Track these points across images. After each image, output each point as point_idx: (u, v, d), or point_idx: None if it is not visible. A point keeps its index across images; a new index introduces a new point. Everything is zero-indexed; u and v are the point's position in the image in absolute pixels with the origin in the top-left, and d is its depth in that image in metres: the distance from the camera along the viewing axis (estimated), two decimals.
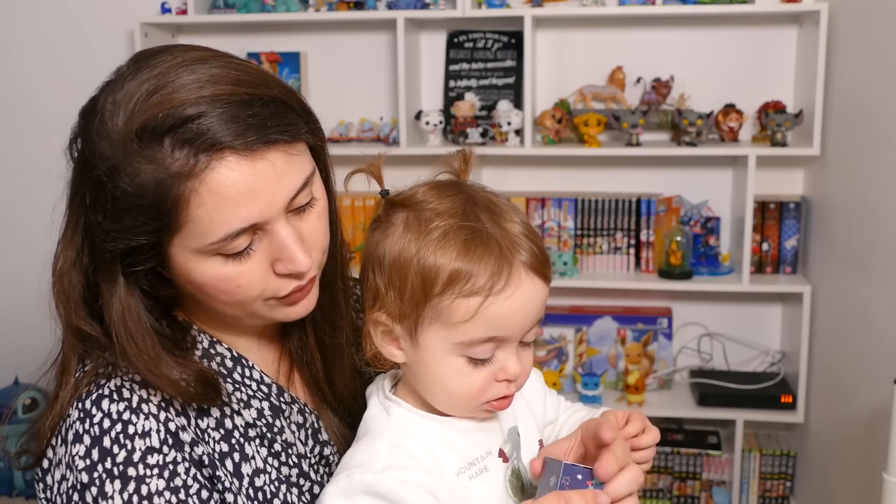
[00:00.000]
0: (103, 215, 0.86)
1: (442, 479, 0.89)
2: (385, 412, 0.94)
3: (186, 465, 0.89)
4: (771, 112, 2.60)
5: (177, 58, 0.87)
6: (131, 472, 0.86)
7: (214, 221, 0.85)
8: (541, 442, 1.00)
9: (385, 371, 0.97)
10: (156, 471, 0.87)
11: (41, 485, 0.92)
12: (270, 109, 0.87)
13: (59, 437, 0.90)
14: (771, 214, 2.71)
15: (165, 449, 0.89)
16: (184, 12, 2.77)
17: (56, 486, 0.89)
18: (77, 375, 0.92)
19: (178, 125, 0.83)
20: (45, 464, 0.91)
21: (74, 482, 0.87)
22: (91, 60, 2.87)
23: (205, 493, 0.89)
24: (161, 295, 0.94)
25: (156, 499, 0.86)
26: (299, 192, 0.90)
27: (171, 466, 0.88)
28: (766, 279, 2.72)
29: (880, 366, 2.07)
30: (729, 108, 2.66)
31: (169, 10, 2.79)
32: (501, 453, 0.94)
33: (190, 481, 0.89)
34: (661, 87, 2.72)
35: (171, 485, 0.87)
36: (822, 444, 2.60)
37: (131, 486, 0.86)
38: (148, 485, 0.86)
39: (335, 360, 1.05)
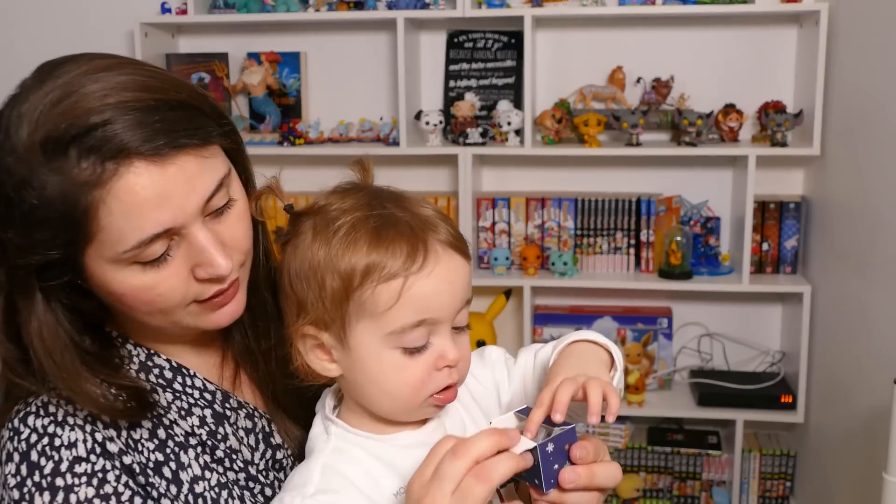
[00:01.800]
0: (14, 231, 0.84)
1: (379, 501, 0.87)
2: (325, 432, 0.93)
3: (117, 472, 0.89)
4: (771, 112, 2.60)
5: (82, 67, 0.85)
6: (59, 482, 0.87)
7: (126, 229, 0.83)
8: None
9: (319, 383, 0.94)
10: (84, 479, 0.87)
11: None
12: (178, 114, 0.86)
13: None
14: (771, 214, 2.71)
15: (93, 458, 0.88)
16: (184, 12, 2.77)
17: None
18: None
19: (82, 134, 0.81)
20: None
21: (9, 501, 0.87)
22: None
23: (138, 500, 0.89)
24: (83, 309, 0.92)
25: None
26: (214, 194, 0.88)
27: (100, 474, 0.88)
28: (766, 279, 2.72)
29: (880, 366, 2.07)
30: (729, 108, 2.66)
31: (169, 10, 2.79)
32: None
33: (121, 488, 0.88)
34: (661, 87, 2.72)
35: (101, 492, 0.87)
36: (822, 444, 2.60)
37: (60, 496, 0.86)
38: (77, 493, 0.86)
39: (272, 363, 1.03)
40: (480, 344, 2.69)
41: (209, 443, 0.97)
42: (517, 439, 0.80)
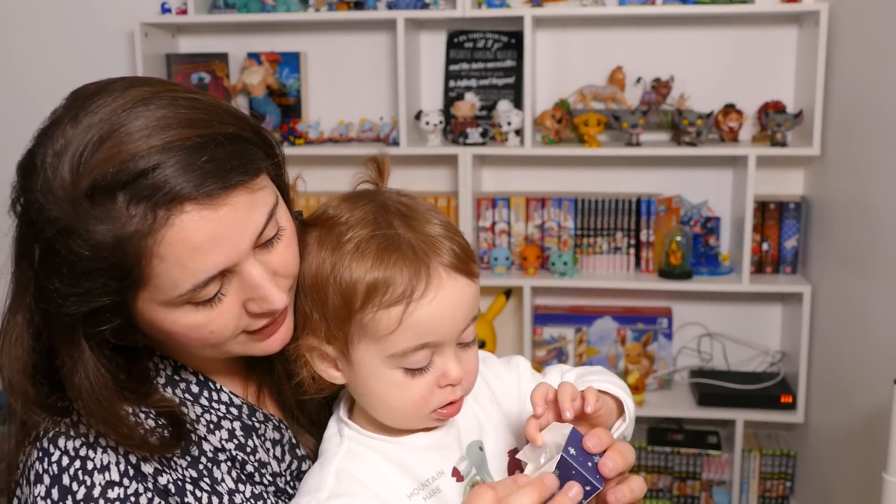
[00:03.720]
0: (59, 280, 0.80)
1: (393, 503, 0.87)
2: (338, 434, 0.93)
3: (149, 495, 0.87)
4: (771, 112, 2.60)
5: (117, 100, 0.80)
6: None
7: (180, 275, 0.80)
8: (511, 453, 0.96)
9: (328, 393, 0.95)
10: (118, 503, 0.86)
11: None
12: (227, 149, 0.81)
13: (24, 478, 0.89)
14: (771, 214, 2.71)
15: (126, 481, 0.87)
16: (184, 12, 2.77)
17: None
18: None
19: (131, 181, 0.77)
20: None
21: None
22: (91, 61, 2.87)
23: None
24: (124, 343, 0.89)
25: None
26: (265, 228, 0.85)
27: (132, 498, 0.86)
28: (766, 279, 2.72)
29: (880, 366, 2.07)
30: (729, 108, 2.66)
31: (169, 10, 2.79)
32: (455, 472, 0.90)
33: None
34: (661, 87, 2.72)
35: None
36: (822, 444, 2.60)
37: None
38: None
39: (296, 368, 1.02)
40: (480, 345, 2.69)
41: (239, 457, 0.95)
42: (554, 486, 0.78)
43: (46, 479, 0.86)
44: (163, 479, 0.89)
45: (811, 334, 2.64)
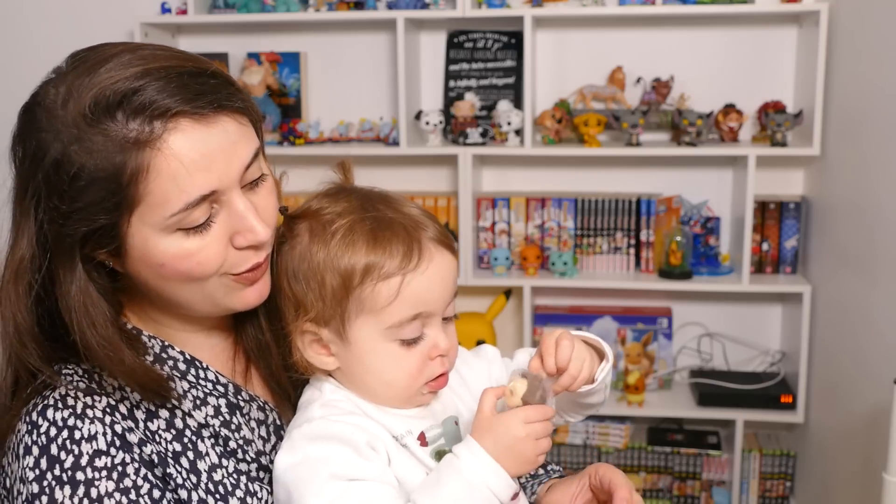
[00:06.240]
0: (59, 198, 0.85)
1: (376, 437, 0.92)
2: (318, 390, 0.97)
3: (136, 465, 0.89)
4: (771, 112, 2.60)
5: (116, 47, 0.89)
6: (80, 476, 0.87)
7: (173, 192, 0.85)
8: None
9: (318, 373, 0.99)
10: (104, 473, 0.87)
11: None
12: (216, 81, 0.90)
13: (12, 454, 0.90)
14: (771, 214, 2.71)
15: (113, 451, 0.89)
16: (184, 12, 2.77)
17: (14, 500, 0.89)
18: (26, 392, 0.92)
19: (128, 96, 0.84)
20: (7, 482, 0.91)
21: (27, 495, 0.87)
22: None
23: (156, 493, 0.89)
24: (113, 290, 0.94)
25: (106, 500, 0.86)
26: (251, 164, 0.92)
27: (119, 468, 0.88)
28: (766, 279, 2.72)
29: (880, 366, 2.07)
30: (729, 108, 2.66)
31: (169, 10, 2.79)
32: (422, 436, 0.95)
33: (140, 481, 0.89)
34: (661, 87, 2.72)
35: (121, 486, 0.88)
36: (822, 444, 2.60)
37: (81, 490, 0.86)
38: (97, 487, 0.87)
39: (285, 354, 1.05)
40: (480, 344, 2.69)
41: (223, 433, 0.98)
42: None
43: (35, 450, 0.88)
44: (147, 450, 0.91)
45: (811, 334, 2.64)
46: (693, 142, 2.63)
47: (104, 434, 0.89)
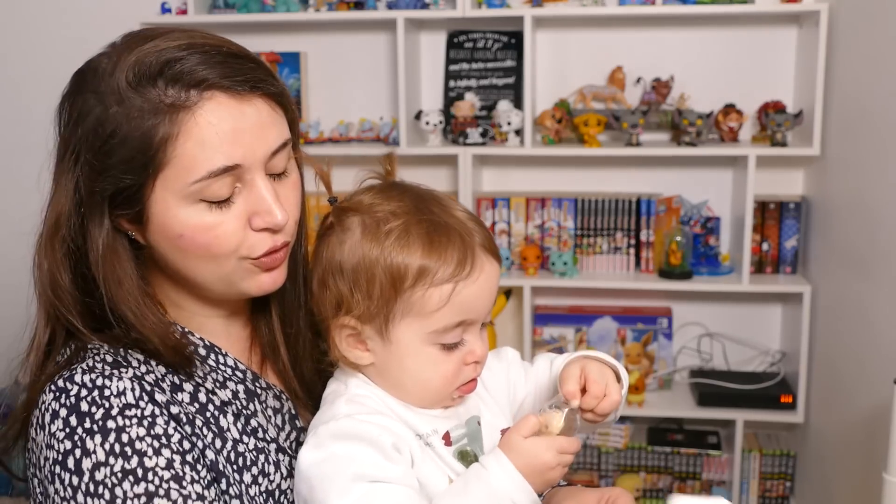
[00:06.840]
0: (94, 155, 0.89)
1: (398, 433, 0.92)
2: (343, 385, 0.97)
3: (165, 417, 0.91)
4: (771, 112, 2.60)
5: (169, 27, 0.93)
6: (111, 424, 0.88)
7: (199, 157, 0.88)
8: (503, 431, 1.01)
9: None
10: (135, 420, 0.89)
11: (35, 481, 0.93)
12: (257, 66, 0.93)
13: (37, 426, 0.91)
14: (771, 214, 2.71)
15: (142, 403, 0.90)
16: (184, 12, 2.77)
17: (41, 470, 0.90)
18: (54, 364, 0.94)
19: (170, 64, 0.88)
20: (33, 458, 0.92)
21: (56, 455, 0.88)
22: None
23: (186, 444, 0.91)
24: (137, 268, 0.96)
25: (137, 443, 0.87)
26: (279, 151, 0.93)
27: (149, 418, 0.90)
28: (766, 279, 2.72)
29: (880, 366, 2.07)
30: (729, 108, 2.66)
31: (169, 10, 2.79)
32: (447, 436, 0.95)
33: (171, 430, 0.90)
34: (661, 87, 2.72)
35: (153, 432, 0.89)
36: (822, 444, 2.60)
37: (112, 437, 0.87)
38: (129, 433, 0.88)
39: (298, 348, 1.06)
40: None
41: (245, 412, 1.00)
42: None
43: (63, 412, 0.89)
44: (174, 410, 0.92)
45: (811, 334, 2.64)
46: (693, 142, 2.63)
47: (132, 390, 0.91)
